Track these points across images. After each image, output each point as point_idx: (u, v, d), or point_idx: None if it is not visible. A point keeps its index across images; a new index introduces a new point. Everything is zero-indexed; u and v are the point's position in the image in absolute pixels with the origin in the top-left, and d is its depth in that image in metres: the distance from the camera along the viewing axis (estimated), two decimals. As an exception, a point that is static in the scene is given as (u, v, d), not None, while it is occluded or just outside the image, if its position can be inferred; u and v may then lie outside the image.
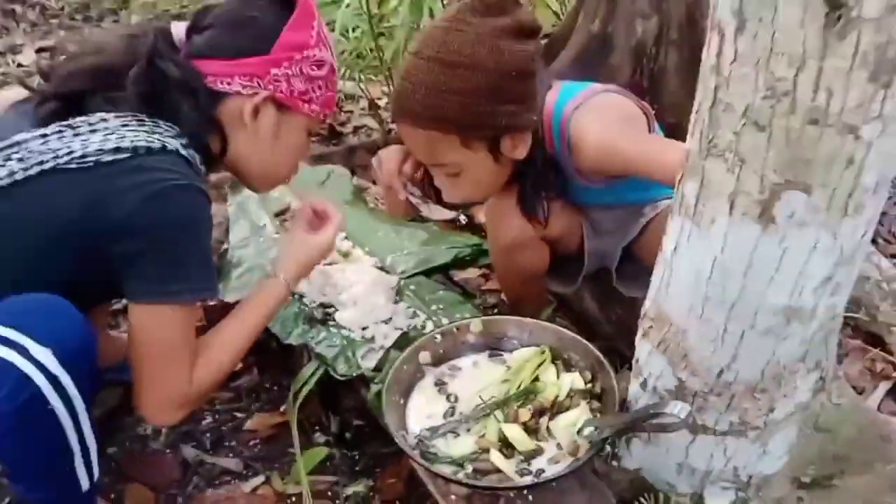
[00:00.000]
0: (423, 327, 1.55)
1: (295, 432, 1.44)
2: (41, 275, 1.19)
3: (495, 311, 1.86)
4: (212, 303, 1.58)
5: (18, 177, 1.15)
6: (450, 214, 1.69)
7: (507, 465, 1.18)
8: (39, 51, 3.85)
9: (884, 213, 2.06)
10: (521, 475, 1.18)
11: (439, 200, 1.55)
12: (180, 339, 1.24)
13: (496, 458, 1.19)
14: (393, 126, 2.64)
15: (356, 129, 2.89)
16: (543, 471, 1.18)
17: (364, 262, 1.76)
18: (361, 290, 1.62)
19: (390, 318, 1.59)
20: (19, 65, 3.74)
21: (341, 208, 1.59)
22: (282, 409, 1.71)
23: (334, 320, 1.59)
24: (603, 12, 2.30)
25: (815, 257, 0.92)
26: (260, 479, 1.57)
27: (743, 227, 0.93)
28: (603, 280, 1.73)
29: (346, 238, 1.82)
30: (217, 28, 1.31)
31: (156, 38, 1.27)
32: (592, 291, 1.78)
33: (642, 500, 1.24)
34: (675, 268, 1.04)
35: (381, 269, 1.75)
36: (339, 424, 1.64)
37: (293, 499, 1.52)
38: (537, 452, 1.21)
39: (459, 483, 1.16)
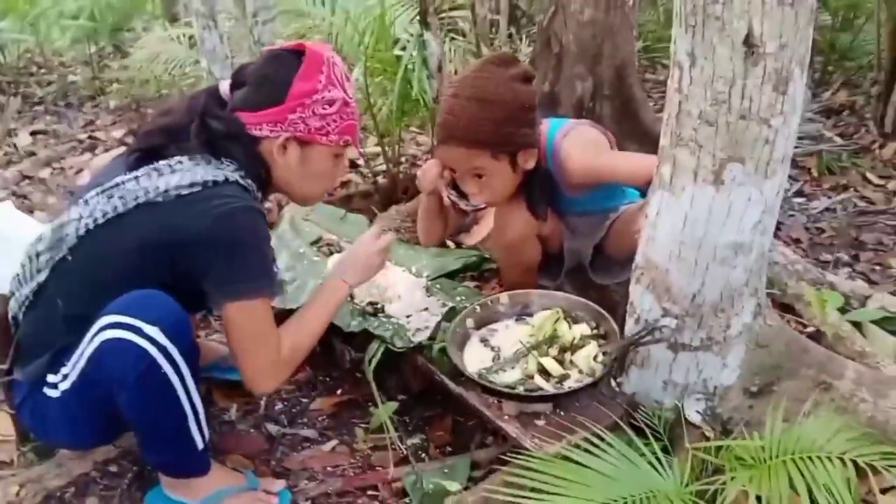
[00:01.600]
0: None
1: (374, 386, 1.80)
2: (128, 286, 1.47)
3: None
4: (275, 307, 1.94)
5: (120, 210, 1.48)
6: (479, 206, 2.06)
7: (546, 385, 1.61)
8: (34, 133, 4.15)
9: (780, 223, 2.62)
10: (557, 390, 1.61)
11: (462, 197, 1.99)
12: (268, 325, 1.55)
13: (539, 380, 1.63)
14: (378, 178, 3.08)
15: (344, 184, 3.28)
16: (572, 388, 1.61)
17: (395, 270, 2.17)
18: (403, 289, 2.03)
19: (426, 308, 2.00)
20: (14, 146, 4.02)
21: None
22: (338, 392, 2.09)
23: (384, 312, 1.99)
24: (551, 76, 2.84)
25: (749, 207, 1.41)
26: (334, 442, 1.93)
27: (703, 190, 1.41)
28: (579, 274, 2.18)
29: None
30: (247, 85, 1.59)
31: (206, 99, 1.62)
32: (572, 283, 2.22)
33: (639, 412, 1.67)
34: (657, 226, 1.51)
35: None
36: (398, 388, 2.01)
37: (364, 452, 1.88)
38: (566, 377, 1.65)
39: (518, 396, 1.58)
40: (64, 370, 1.52)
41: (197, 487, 1.65)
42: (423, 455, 1.86)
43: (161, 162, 1.51)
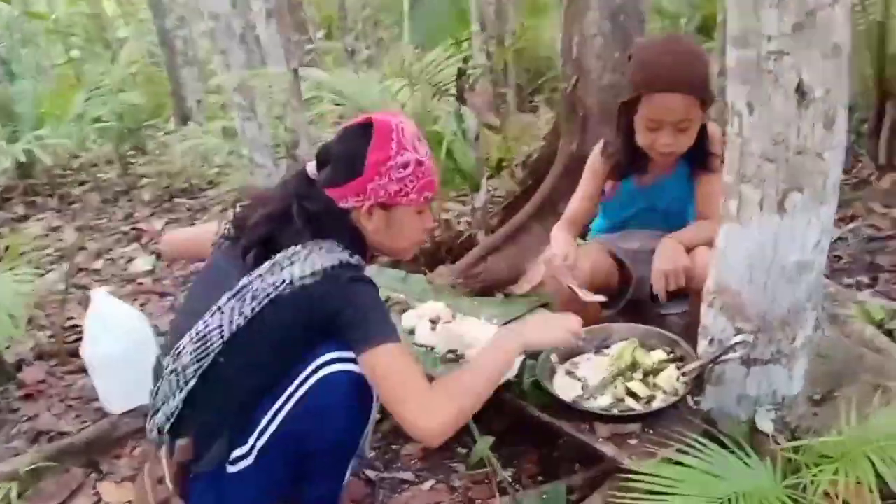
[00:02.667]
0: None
1: (472, 423, 1.93)
2: (281, 359, 1.62)
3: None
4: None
5: (256, 308, 1.59)
6: (597, 298, 2.09)
7: (637, 406, 1.77)
8: (79, 229, 4.32)
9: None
10: (647, 410, 1.76)
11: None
12: (412, 368, 1.58)
13: (629, 402, 1.78)
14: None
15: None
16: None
17: (468, 320, 2.32)
18: (479, 335, 2.18)
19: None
20: (60, 239, 4.19)
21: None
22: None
23: (464, 358, 2.14)
24: (578, 138, 3.05)
25: (810, 230, 1.59)
26: (431, 481, 2.05)
27: (769, 218, 1.59)
28: (634, 306, 2.34)
29: (447, 307, 2.39)
30: (329, 163, 1.68)
31: (298, 182, 1.73)
32: (626, 315, 2.36)
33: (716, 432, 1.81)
34: (728, 254, 1.69)
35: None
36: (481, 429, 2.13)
37: (462, 488, 2.00)
38: (652, 398, 1.80)
39: (615, 417, 1.73)
40: (252, 438, 1.63)
41: None
42: (518, 486, 1.98)
43: (279, 256, 1.60)
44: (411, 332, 2.29)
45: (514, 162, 4.00)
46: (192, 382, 1.61)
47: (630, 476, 1.58)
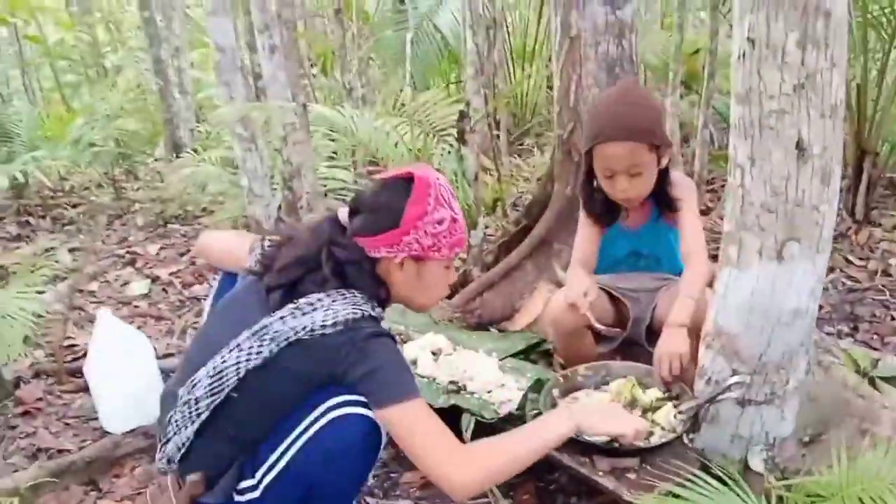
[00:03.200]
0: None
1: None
2: (293, 401, 1.63)
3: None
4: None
5: (274, 350, 1.61)
6: (614, 331, 2.27)
7: (636, 441, 1.82)
8: (72, 250, 4.32)
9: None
10: (646, 445, 1.82)
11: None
12: (434, 422, 1.59)
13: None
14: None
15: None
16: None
17: (468, 353, 2.38)
18: (480, 368, 2.24)
19: (503, 384, 2.20)
20: (56, 261, 4.17)
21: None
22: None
23: (465, 389, 2.19)
24: (573, 182, 3.14)
25: (805, 278, 1.68)
26: (429, 510, 2.08)
27: (767, 266, 1.67)
28: (628, 347, 2.41)
29: (448, 340, 2.44)
30: (364, 212, 1.69)
31: (329, 227, 1.70)
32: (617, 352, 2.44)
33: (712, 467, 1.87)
34: (727, 298, 1.77)
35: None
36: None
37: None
38: (651, 434, 1.86)
39: (616, 451, 1.79)
40: (259, 473, 1.65)
41: None
42: (516, 517, 2.02)
43: (302, 301, 1.61)
44: (414, 362, 2.33)
45: (507, 203, 4.09)
46: (205, 415, 1.64)
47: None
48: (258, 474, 1.64)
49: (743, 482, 1.74)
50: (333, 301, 1.61)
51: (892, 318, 3.10)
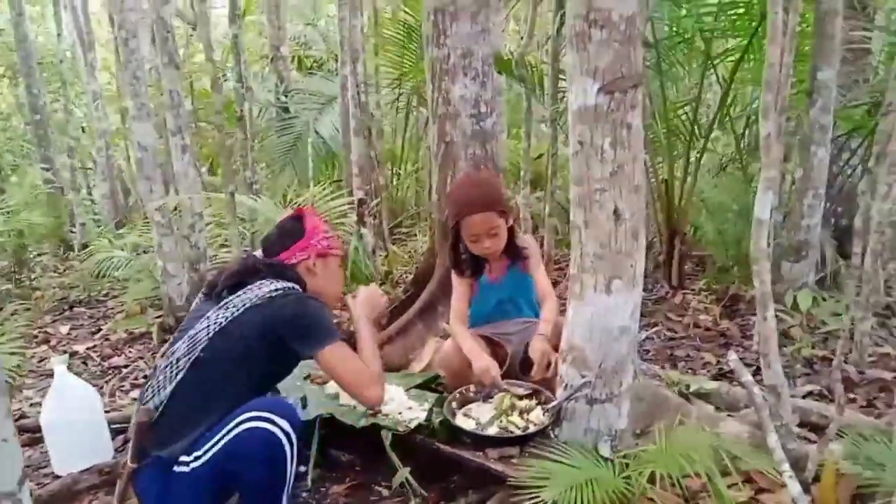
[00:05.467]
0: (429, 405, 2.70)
1: (393, 455, 2.45)
2: (247, 370, 2.15)
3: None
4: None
5: (236, 314, 2.16)
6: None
7: (518, 431, 2.38)
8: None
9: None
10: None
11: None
12: (352, 356, 2.25)
13: (512, 427, 2.39)
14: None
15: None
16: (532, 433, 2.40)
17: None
18: (394, 396, 2.74)
19: (410, 407, 2.71)
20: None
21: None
22: (346, 480, 2.69)
23: (381, 412, 2.67)
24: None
25: (627, 304, 2.33)
26: (357, 514, 2.52)
27: (600, 297, 2.32)
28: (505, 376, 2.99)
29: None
30: (274, 240, 2.41)
31: (252, 256, 2.44)
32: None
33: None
34: (574, 322, 2.39)
35: (392, 389, 2.88)
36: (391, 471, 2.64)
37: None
38: (527, 428, 2.43)
39: (500, 440, 2.34)
40: (196, 453, 2.07)
41: None
42: (427, 509, 2.50)
43: (250, 285, 2.23)
44: (336, 396, 2.80)
45: (394, 276, 4.66)
46: (181, 374, 2.11)
47: (516, 482, 2.17)
48: (193, 455, 2.06)
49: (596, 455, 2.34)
50: (272, 282, 2.23)
51: (702, 358, 3.86)
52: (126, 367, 3.89)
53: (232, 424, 2.03)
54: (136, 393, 3.54)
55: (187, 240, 4.60)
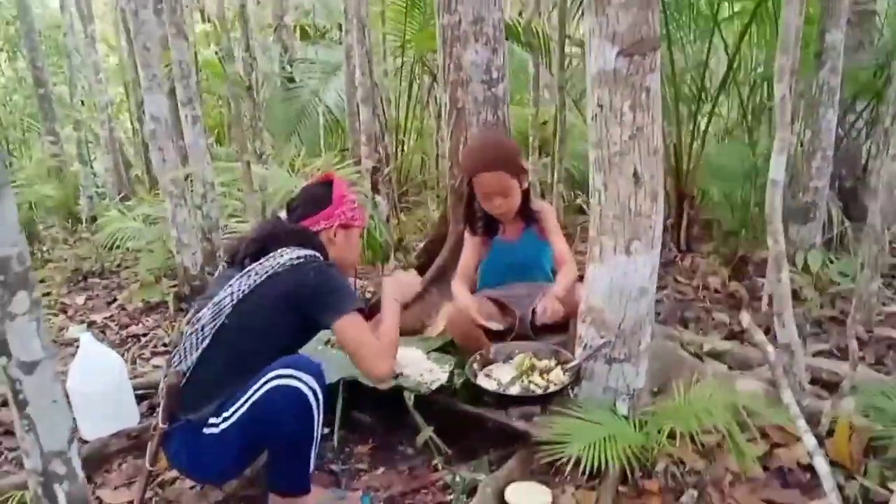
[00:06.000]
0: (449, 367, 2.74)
1: (417, 415, 2.50)
2: (270, 337, 2.17)
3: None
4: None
5: (258, 281, 2.19)
6: (499, 326, 2.83)
7: (539, 391, 2.43)
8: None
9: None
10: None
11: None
12: (366, 328, 2.21)
13: (533, 387, 2.43)
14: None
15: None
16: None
17: (401, 350, 2.88)
18: (413, 360, 2.78)
19: (431, 370, 2.75)
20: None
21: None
22: (369, 441, 2.74)
23: (402, 375, 2.71)
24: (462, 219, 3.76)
25: (646, 265, 2.36)
26: (382, 468, 2.58)
27: (620, 258, 2.35)
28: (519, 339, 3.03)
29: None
30: (301, 204, 2.39)
31: (275, 219, 2.43)
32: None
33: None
34: (594, 284, 2.42)
35: (413, 351, 2.93)
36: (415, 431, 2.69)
37: (406, 472, 2.54)
38: (547, 388, 2.47)
39: (523, 399, 2.38)
40: (225, 414, 2.11)
41: None
42: (450, 466, 2.55)
43: (272, 253, 2.23)
44: (357, 360, 2.84)
45: (406, 244, 4.69)
46: (207, 341, 2.14)
47: (538, 439, 2.22)
48: (222, 415, 2.10)
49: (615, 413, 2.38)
50: (294, 250, 2.23)
51: (712, 319, 3.91)
52: (145, 335, 3.93)
53: (260, 384, 2.07)
54: (156, 360, 3.58)
55: (199, 210, 4.62)
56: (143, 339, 3.85)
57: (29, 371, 1.32)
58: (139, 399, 2.96)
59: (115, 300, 4.58)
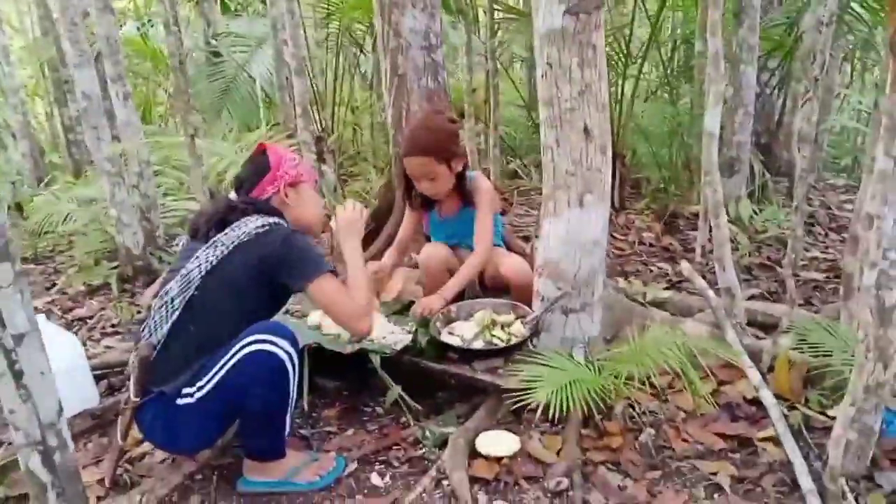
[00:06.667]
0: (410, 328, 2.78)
1: (385, 376, 2.53)
2: (240, 306, 2.16)
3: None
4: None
5: (225, 252, 2.16)
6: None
7: (501, 344, 2.50)
8: None
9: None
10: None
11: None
12: (340, 288, 2.20)
13: (496, 340, 2.50)
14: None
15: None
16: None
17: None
18: (378, 322, 2.80)
19: (393, 332, 2.79)
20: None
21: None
22: (336, 404, 2.76)
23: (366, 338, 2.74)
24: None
25: (598, 218, 2.45)
26: (352, 429, 2.60)
27: (573, 211, 2.42)
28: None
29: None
30: (244, 179, 2.34)
31: (226, 198, 2.38)
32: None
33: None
34: (550, 238, 2.50)
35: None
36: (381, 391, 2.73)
37: (376, 431, 2.58)
38: (510, 340, 2.54)
39: (487, 352, 2.45)
40: (200, 383, 2.09)
41: (276, 468, 2.26)
42: (419, 422, 2.60)
43: (236, 223, 2.21)
44: (318, 327, 2.85)
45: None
46: (178, 313, 2.12)
47: (506, 387, 2.29)
48: (197, 385, 2.09)
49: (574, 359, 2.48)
50: (257, 218, 2.22)
51: (650, 271, 4.07)
52: (91, 317, 3.82)
53: (234, 350, 2.06)
54: (107, 342, 3.49)
55: (136, 189, 4.49)
56: (90, 322, 3.75)
57: (17, 343, 1.29)
58: (96, 379, 2.89)
59: (54, 285, 4.42)
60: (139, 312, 3.77)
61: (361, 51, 7.59)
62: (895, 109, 1.73)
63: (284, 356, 2.07)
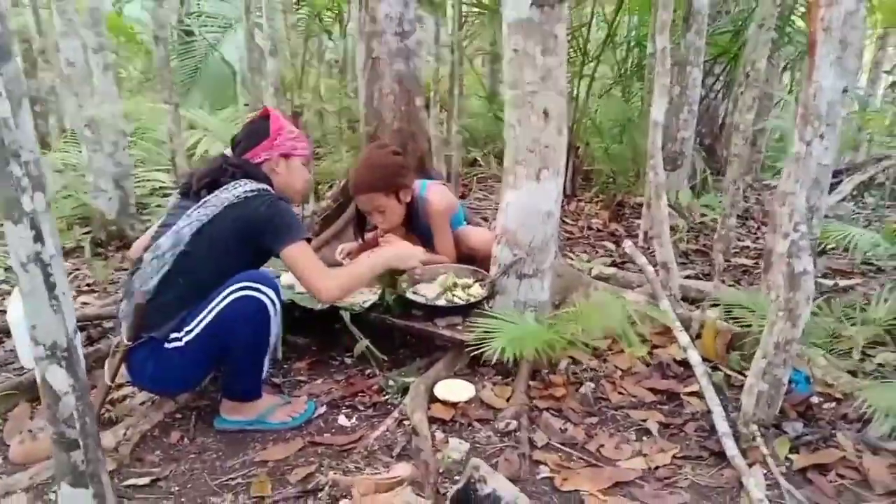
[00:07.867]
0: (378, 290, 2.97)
1: (354, 329, 2.71)
2: (227, 262, 2.29)
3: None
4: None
5: (216, 212, 2.31)
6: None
7: (461, 302, 2.71)
8: None
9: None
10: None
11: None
12: (313, 255, 2.33)
13: (456, 300, 2.70)
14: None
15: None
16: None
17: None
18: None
19: (362, 292, 2.97)
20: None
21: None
22: (305, 358, 2.94)
23: (338, 298, 2.92)
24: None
25: (552, 191, 2.67)
26: (321, 379, 2.78)
27: (531, 185, 2.64)
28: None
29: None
30: (242, 140, 2.48)
31: (220, 157, 2.51)
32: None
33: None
34: (509, 208, 2.70)
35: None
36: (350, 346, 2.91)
37: (343, 381, 2.76)
38: (469, 300, 2.75)
39: (448, 309, 2.66)
40: (188, 328, 2.24)
41: (251, 408, 2.43)
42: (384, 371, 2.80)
43: (226, 185, 2.35)
44: (291, 286, 3.00)
45: (320, 191, 4.83)
46: (168, 266, 2.25)
47: (466, 341, 2.50)
48: (185, 330, 2.24)
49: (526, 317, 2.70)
50: (247, 182, 2.35)
51: (597, 252, 4.32)
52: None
53: (221, 296, 2.21)
54: (84, 298, 3.59)
55: (111, 157, 4.57)
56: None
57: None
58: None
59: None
60: (115, 271, 3.86)
61: (330, 37, 7.70)
62: (809, 101, 1.99)
63: (268, 301, 2.24)
